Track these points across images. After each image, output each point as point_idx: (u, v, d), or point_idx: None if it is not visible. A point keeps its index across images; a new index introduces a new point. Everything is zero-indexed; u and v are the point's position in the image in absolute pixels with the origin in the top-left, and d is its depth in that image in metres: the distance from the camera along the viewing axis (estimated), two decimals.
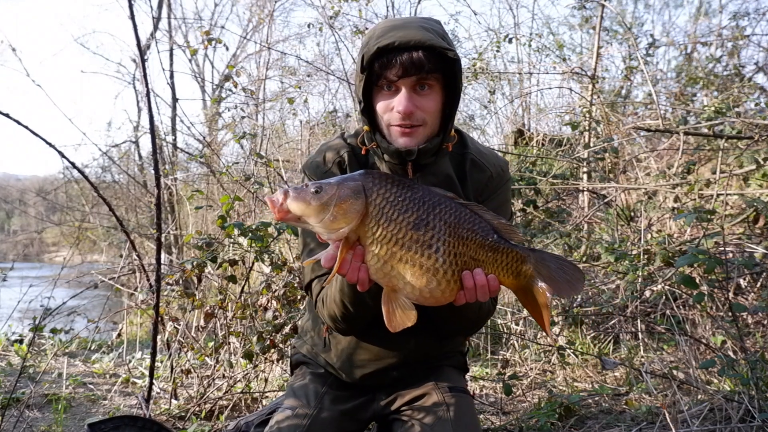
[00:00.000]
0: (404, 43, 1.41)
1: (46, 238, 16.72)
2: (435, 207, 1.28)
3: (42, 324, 2.84)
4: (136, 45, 2.68)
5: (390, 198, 1.27)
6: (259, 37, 12.20)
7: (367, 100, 1.55)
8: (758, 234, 3.64)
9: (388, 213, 1.25)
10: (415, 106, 1.46)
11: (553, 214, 4.52)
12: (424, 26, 1.47)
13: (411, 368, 1.69)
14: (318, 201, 1.22)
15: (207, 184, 7.81)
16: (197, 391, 3.03)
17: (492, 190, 1.66)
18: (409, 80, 1.45)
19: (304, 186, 1.24)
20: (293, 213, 1.23)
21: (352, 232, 1.24)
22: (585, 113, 5.39)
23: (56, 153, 2.91)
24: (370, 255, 1.26)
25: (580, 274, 1.32)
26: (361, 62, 1.48)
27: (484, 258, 1.30)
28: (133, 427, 2.08)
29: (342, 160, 1.64)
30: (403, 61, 1.41)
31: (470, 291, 1.29)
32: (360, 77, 1.50)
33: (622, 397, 2.83)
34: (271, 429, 1.61)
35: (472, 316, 1.55)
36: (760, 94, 5.48)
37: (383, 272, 1.27)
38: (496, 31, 7.11)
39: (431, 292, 1.27)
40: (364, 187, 1.26)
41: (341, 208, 1.22)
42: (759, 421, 2.06)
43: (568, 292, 1.33)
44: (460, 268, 1.29)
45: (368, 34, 1.52)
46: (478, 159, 1.65)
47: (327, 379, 1.73)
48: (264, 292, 3.13)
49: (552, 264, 1.31)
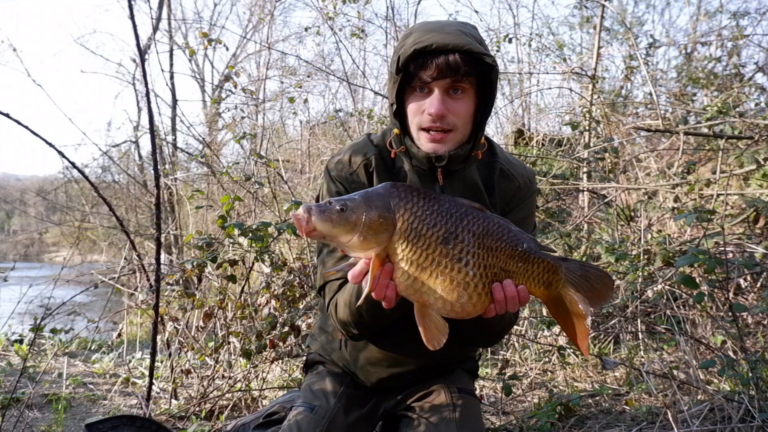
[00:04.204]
0: (442, 45, 1.39)
1: (46, 238, 16.71)
2: (462, 219, 1.25)
3: (42, 324, 2.84)
4: (136, 45, 2.68)
5: (418, 213, 1.23)
6: (259, 37, 12.22)
7: (399, 102, 1.51)
8: (758, 234, 3.64)
9: (417, 228, 1.22)
10: (447, 110, 1.44)
11: (553, 214, 4.51)
12: (463, 30, 1.45)
13: (426, 370, 1.70)
14: (345, 221, 1.18)
15: (207, 184, 7.80)
16: (197, 391, 3.03)
17: (519, 201, 1.64)
18: (443, 82, 1.42)
19: (327, 203, 1.20)
20: (319, 231, 1.19)
21: (382, 250, 1.22)
22: (585, 113, 5.39)
23: (56, 153, 2.91)
24: (400, 272, 1.23)
25: (610, 281, 1.29)
26: (397, 63, 1.45)
27: (514, 269, 1.27)
28: (132, 427, 2.08)
29: (369, 163, 1.60)
30: (439, 63, 1.39)
31: (500, 303, 1.26)
32: (395, 78, 1.47)
33: (622, 397, 2.83)
34: (290, 424, 1.61)
35: (496, 327, 1.53)
36: (760, 94, 5.48)
37: (414, 288, 1.24)
38: (496, 31, 7.10)
39: (462, 306, 1.25)
40: (391, 204, 1.22)
41: (370, 228, 1.19)
42: (759, 421, 2.06)
43: (599, 302, 1.29)
44: (490, 279, 1.26)
45: (403, 37, 1.49)
46: (507, 169, 1.63)
47: (344, 379, 1.73)
48: (264, 292, 3.13)
49: (583, 272, 1.28)
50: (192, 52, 12.21)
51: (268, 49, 7.19)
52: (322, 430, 1.58)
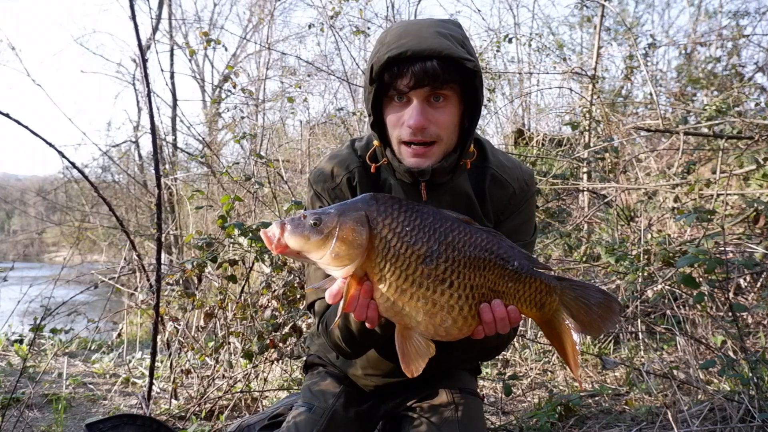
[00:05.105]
0: (417, 52, 1.26)
1: (46, 238, 16.73)
2: (447, 235, 1.14)
3: (42, 324, 2.84)
4: (137, 45, 2.69)
5: (397, 228, 1.13)
6: (259, 37, 12.22)
7: (378, 111, 1.41)
8: (758, 234, 3.64)
9: (395, 246, 1.12)
10: (428, 120, 1.31)
11: (553, 214, 4.52)
12: (441, 31, 1.31)
13: (423, 378, 1.68)
14: (318, 236, 1.09)
15: (207, 184, 7.80)
16: (197, 391, 3.03)
17: (515, 207, 1.53)
18: (421, 91, 1.30)
19: (301, 217, 1.12)
20: (292, 248, 1.11)
21: (359, 268, 1.12)
22: (585, 113, 5.39)
23: (56, 153, 2.92)
24: (378, 293, 1.14)
25: (614, 306, 1.17)
26: (371, 72, 1.33)
27: (504, 288, 1.17)
28: (133, 426, 2.08)
29: (352, 177, 1.50)
30: (416, 71, 1.27)
31: (489, 325, 1.18)
32: (369, 89, 1.35)
33: (622, 397, 2.83)
34: (288, 425, 1.62)
35: (491, 344, 1.41)
36: (760, 94, 5.48)
37: (394, 311, 1.15)
38: (496, 31, 7.10)
39: (447, 330, 1.16)
40: (368, 218, 1.13)
41: (343, 243, 1.10)
42: (759, 421, 2.06)
43: (598, 330, 1.18)
44: (477, 301, 1.16)
45: (380, 40, 1.37)
46: (499, 174, 1.50)
47: (343, 380, 1.73)
48: (264, 292, 3.13)
49: (580, 294, 1.17)
50: (192, 52, 12.21)
51: (268, 49, 7.19)
52: (320, 429, 1.58)
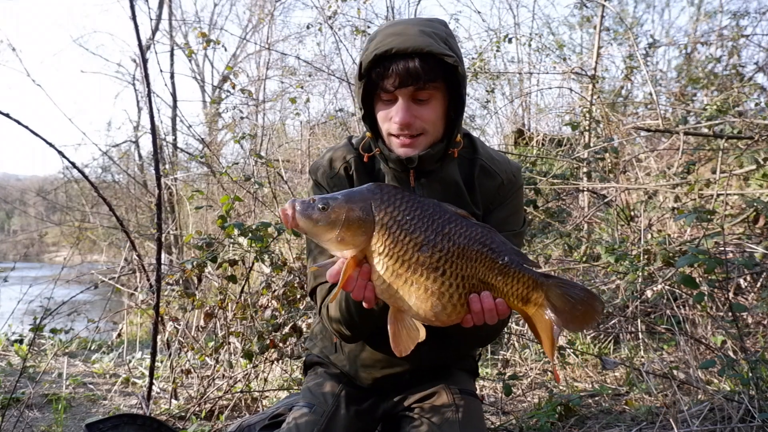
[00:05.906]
0: (402, 50, 1.35)
1: (46, 238, 16.71)
2: (444, 226, 1.22)
3: (42, 324, 2.84)
4: (137, 45, 2.69)
5: (398, 217, 1.21)
6: (259, 37, 12.22)
7: (368, 106, 1.51)
8: (758, 234, 3.64)
9: (395, 233, 1.20)
10: (414, 117, 1.42)
11: (553, 214, 4.51)
12: (425, 30, 1.40)
13: (423, 372, 1.70)
14: (325, 220, 1.19)
15: (207, 184, 7.81)
16: (197, 391, 3.03)
17: (503, 198, 1.60)
18: (406, 90, 1.39)
19: (311, 200, 1.22)
20: (301, 227, 1.22)
21: (359, 251, 1.22)
22: (585, 113, 5.39)
23: (56, 153, 2.92)
24: (376, 275, 1.22)
25: (599, 305, 1.22)
26: (360, 69, 1.43)
27: (493, 281, 1.24)
28: (133, 425, 2.08)
29: (348, 166, 1.61)
30: (399, 71, 1.36)
31: (477, 314, 1.24)
32: (359, 85, 1.46)
33: (622, 397, 2.83)
34: (289, 425, 1.62)
35: (481, 333, 1.46)
36: (760, 94, 5.48)
37: (388, 293, 1.23)
38: (496, 31, 7.11)
39: (437, 315, 1.23)
40: (372, 205, 1.22)
41: (349, 228, 1.19)
42: (759, 421, 2.06)
43: (579, 327, 1.24)
44: (467, 291, 1.23)
45: (370, 38, 1.46)
46: (488, 165, 1.59)
47: (342, 380, 1.74)
48: (264, 292, 3.13)
49: (565, 292, 1.22)
50: (191, 53, 12.22)
51: (268, 49, 7.19)
52: (321, 429, 1.59)
